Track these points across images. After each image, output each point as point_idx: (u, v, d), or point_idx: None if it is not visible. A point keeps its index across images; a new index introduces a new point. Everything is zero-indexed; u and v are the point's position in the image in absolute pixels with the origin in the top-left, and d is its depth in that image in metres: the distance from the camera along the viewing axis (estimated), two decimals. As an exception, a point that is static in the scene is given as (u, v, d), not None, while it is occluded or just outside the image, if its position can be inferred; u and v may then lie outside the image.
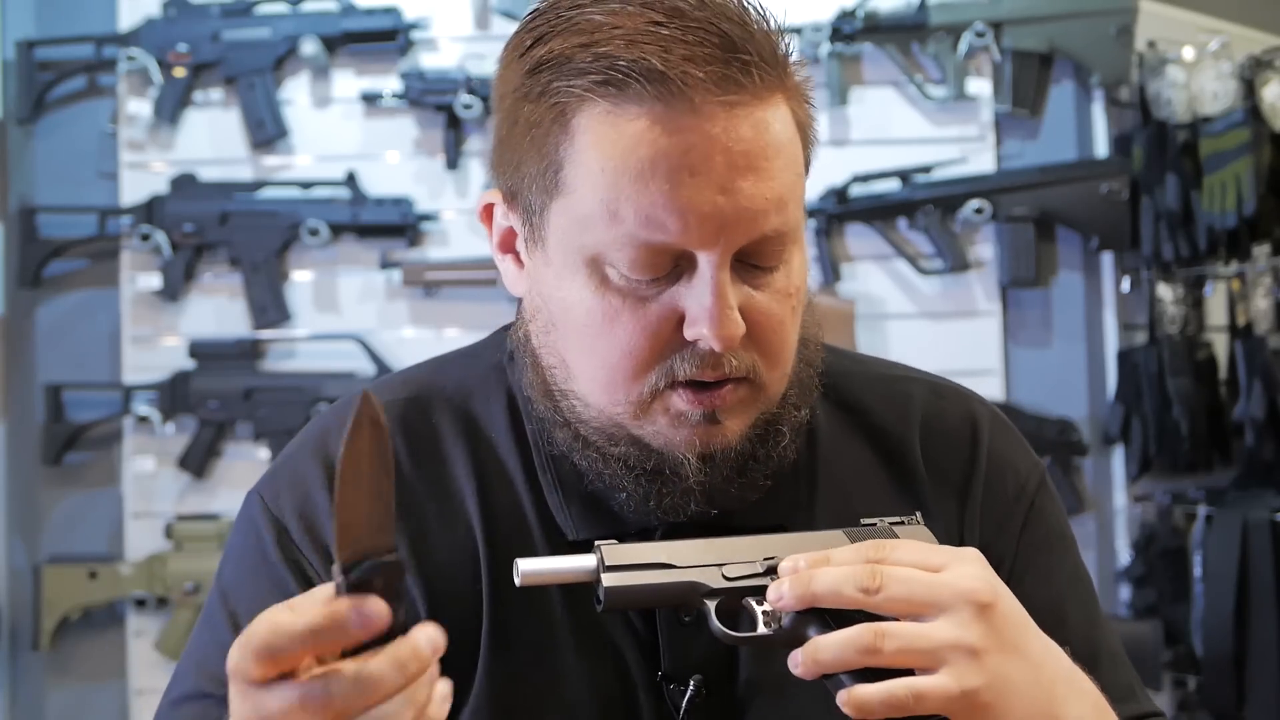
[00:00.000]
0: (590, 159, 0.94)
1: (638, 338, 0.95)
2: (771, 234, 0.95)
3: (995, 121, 3.04)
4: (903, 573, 0.88)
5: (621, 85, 0.92)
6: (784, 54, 0.97)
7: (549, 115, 0.95)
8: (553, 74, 0.95)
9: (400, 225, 2.97)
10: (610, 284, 0.95)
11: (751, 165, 0.93)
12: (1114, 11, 2.97)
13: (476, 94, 2.95)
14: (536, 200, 0.98)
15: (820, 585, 0.88)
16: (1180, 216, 2.88)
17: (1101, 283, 3.06)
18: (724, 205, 0.92)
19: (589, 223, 0.94)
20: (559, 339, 1.00)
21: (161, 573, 2.93)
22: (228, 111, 3.05)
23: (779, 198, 0.94)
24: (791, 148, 0.97)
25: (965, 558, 0.91)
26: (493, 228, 1.05)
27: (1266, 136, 2.80)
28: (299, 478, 1.07)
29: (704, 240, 0.93)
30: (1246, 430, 2.84)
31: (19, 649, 3.04)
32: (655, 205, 0.92)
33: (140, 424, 2.97)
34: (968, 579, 0.89)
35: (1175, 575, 2.89)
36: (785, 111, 0.96)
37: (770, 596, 0.90)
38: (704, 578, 0.94)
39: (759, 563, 0.94)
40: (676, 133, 0.92)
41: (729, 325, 0.93)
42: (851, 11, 2.99)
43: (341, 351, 2.99)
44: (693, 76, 0.91)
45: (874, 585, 0.87)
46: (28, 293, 3.05)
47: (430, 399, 1.08)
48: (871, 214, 2.98)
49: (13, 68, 3.04)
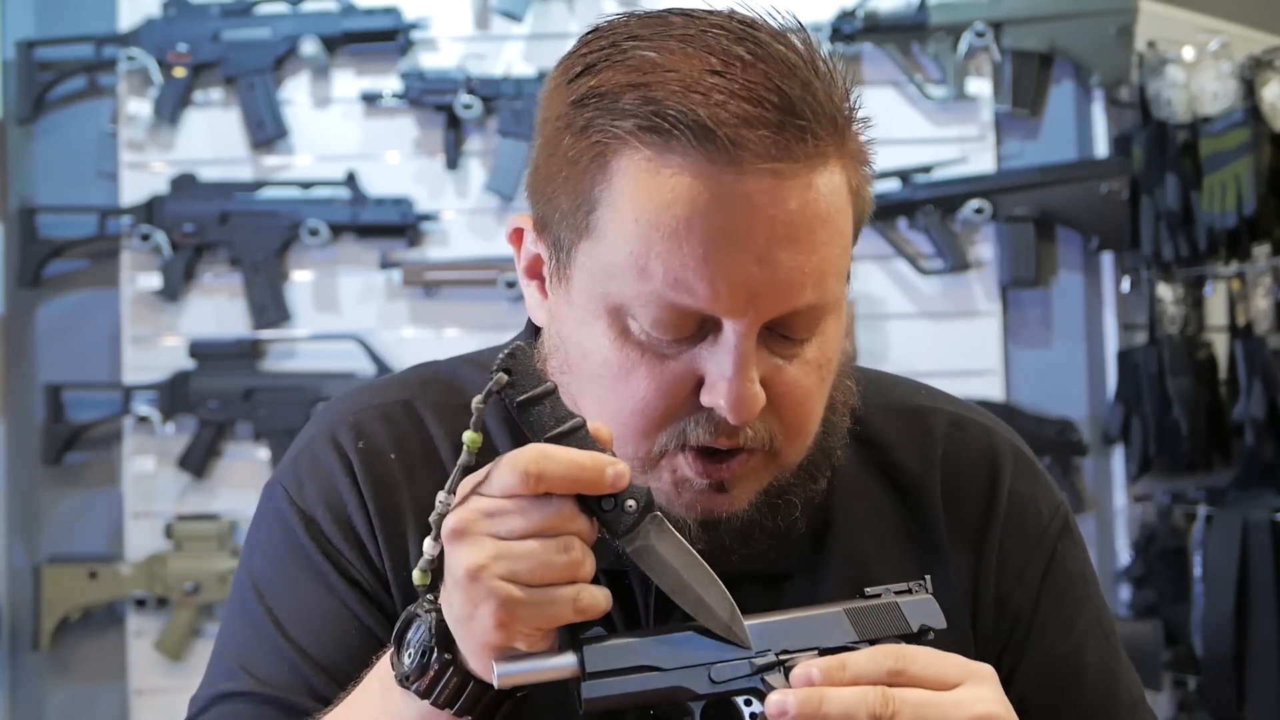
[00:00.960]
0: (625, 207, 0.89)
1: (652, 396, 0.91)
2: (805, 309, 0.90)
3: (995, 121, 3.04)
4: (916, 697, 0.85)
5: (666, 135, 0.87)
6: (846, 115, 0.92)
7: (588, 153, 0.91)
8: (597, 110, 0.90)
9: (400, 225, 2.97)
10: (631, 336, 0.91)
11: (793, 236, 0.88)
12: (1114, 11, 2.97)
13: (476, 94, 2.95)
14: (566, 237, 0.94)
15: (831, 708, 0.84)
16: (1180, 216, 2.88)
17: (1101, 283, 3.05)
18: (759, 276, 0.87)
19: (616, 272, 0.90)
20: (573, 381, 0.96)
21: (161, 573, 2.93)
22: (228, 111, 3.05)
23: (819, 272, 0.89)
24: (840, 218, 0.92)
25: (981, 677, 0.88)
26: (521, 251, 1.01)
27: (1266, 136, 2.79)
28: (322, 469, 1.04)
29: (733, 309, 0.88)
30: (1246, 430, 2.84)
31: (19, 649, 3.04)
32: (686, 268, 0.87)
33: (140, 424, 2.97)
34: (982, 703, 0.86)
35: (1175, 575, 2.89)
36: (839, 179, 0.91)
37: (772, 711, 0.84)
38: (690, 682, 0.90)
39: (749, 662, 0.90)
40: (717, 194, 0.87)
41: (747, 401, 0.89)
42: (851, 11, 2.99)
43: (341, 351, 2.99)
44: (743, 137, 0.86)
45: (886, 713, 0.83)
46: (28, 293, 3.05)
47: (428, 402, 1.06)
48: (871, 214, 2.98)
49: (13, 68, 3.04)
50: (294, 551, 1.04)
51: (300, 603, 1.03)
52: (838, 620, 0.91)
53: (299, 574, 1.03)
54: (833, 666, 0.85)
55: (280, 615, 1.02)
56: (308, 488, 1.04)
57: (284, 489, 1.05)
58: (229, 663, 1.04)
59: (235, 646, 1.04)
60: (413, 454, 1.04)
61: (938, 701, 0.85)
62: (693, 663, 0.90)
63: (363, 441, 1.04)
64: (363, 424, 1.05)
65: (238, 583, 1.07)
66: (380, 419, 1.06)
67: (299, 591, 1.03)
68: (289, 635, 1.01)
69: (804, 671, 0.85)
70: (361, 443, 1.04)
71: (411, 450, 1.04)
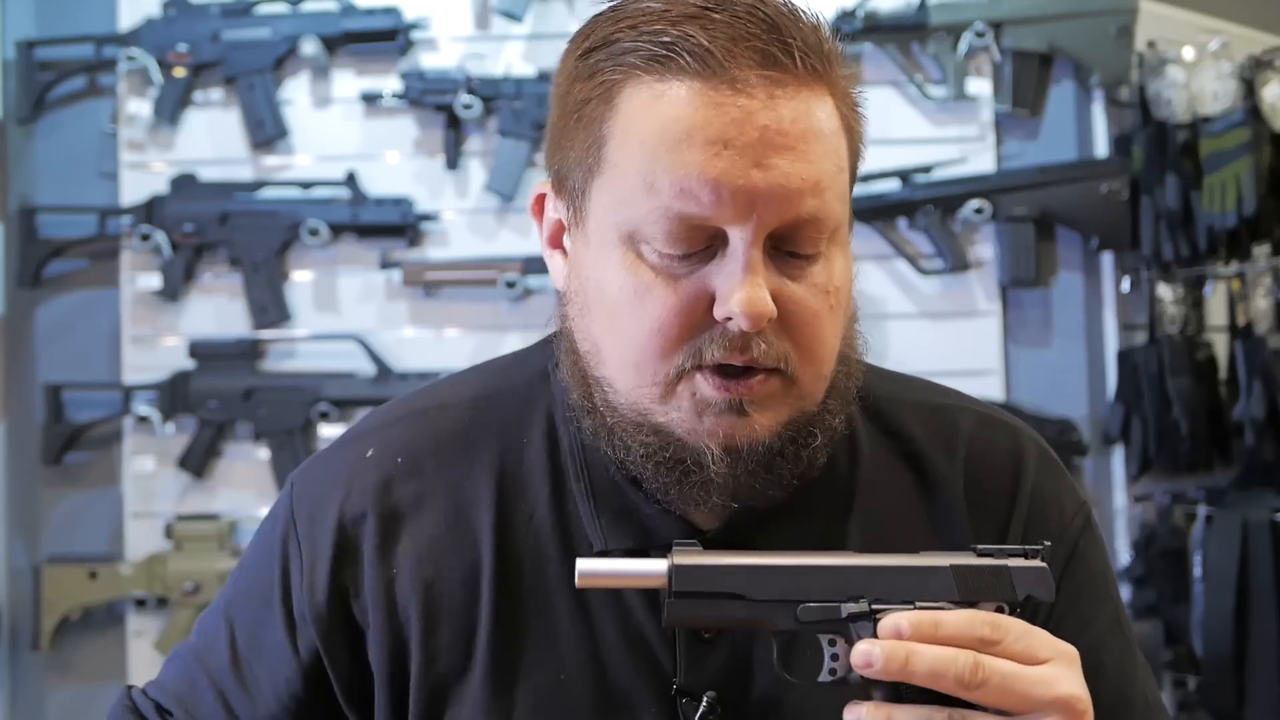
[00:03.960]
0: (631, 133, 0.94)
1: (667, 315, 0.94)
2: (807, 217, 0.93)
3: (995, 121, 3.04)
4: (1006, 669, 0.84)
5: (665, 61, 0.93)
6: (830, 50, 0.97)
7: (596, 93, 0.96)
8: (602, 55, 0.96)
9: (400, 225, 2.97)
10: (644, 261, 0.95)
11: (789, 145, 0.93)
12: (1114, 11, 2.97)
13: (476, 94, 2.95)
14: (580, 181, 0.98)
15: (918, 666, 0.84)
16: (1180, 216, 2.88)
17: (1101, 283, 3.05)
18: (758, 180, 0.92)
19: (627, 198, 0.94)
20: (592, 321, 0.99)
21: (161, 573, 2.93)
22: (228, 111, 3.05)
23: (816, 181, 0.93)
24: (833, 139, 0.96)
25: (1069, 658, 0.88)
26: (543, 221, 1.05)
27: (1266, 136, 2.79)
28: (329, 472, 1.08)
29: (737, 215, 0.92)
30: (1246, 430, 2.84)
31: (19, 649, 3.04)
32: (690, 176, 0.92)
33: (140, 424, 2.97)
34: (1066, 683, 0.86)
35: (1175, 575, 2.89)
36: (829, 104, 0.96)
37: (858, 660, 0.85)
38: (775, 617, 0.88)
39: (840, 605, 0.88)
40: (715, 105, 0.92)
41: (758, 302, 0.92)
42: (851, 11, 2.99)
43: (341, 351, 2.99)
44: (736, 52, 0.92)
45: (975, 681, 0.83)
46: (28, 293, 3.05)
47: (481, 400, 1.08)
48: (871, 214, 2.98)
49: (13, 68, 3.04)
50: (267, 551, 1.09)
51: (249, 603, 1.09)
52: (943, 576, 0.89)
53: (259, 575, 1.09)
54: (925, 623, 0.85)
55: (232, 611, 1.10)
56: (308, 488, 1.08)
57: (292, 484, 1.10)
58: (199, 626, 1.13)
59: (200, 625, 1.12)
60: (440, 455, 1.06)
61: (1026, 676, 0.84)
62: (781, 597, 0.88)
63: (374, 449, 1.07)
64: (386, 432, 1.09)
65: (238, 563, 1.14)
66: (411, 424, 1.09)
67: (251, 594, 1.09)
68: (233, 632, 1.09)
69: (894, 623, 0.85)
70: (372, 449, 1.07)
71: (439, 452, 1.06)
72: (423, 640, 1.02)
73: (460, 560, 1.03)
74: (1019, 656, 0.85)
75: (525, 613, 1.02)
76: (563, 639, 1.01)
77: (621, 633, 1.01)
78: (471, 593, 1.02)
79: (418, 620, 1.02)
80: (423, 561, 1.03)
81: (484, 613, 1.02)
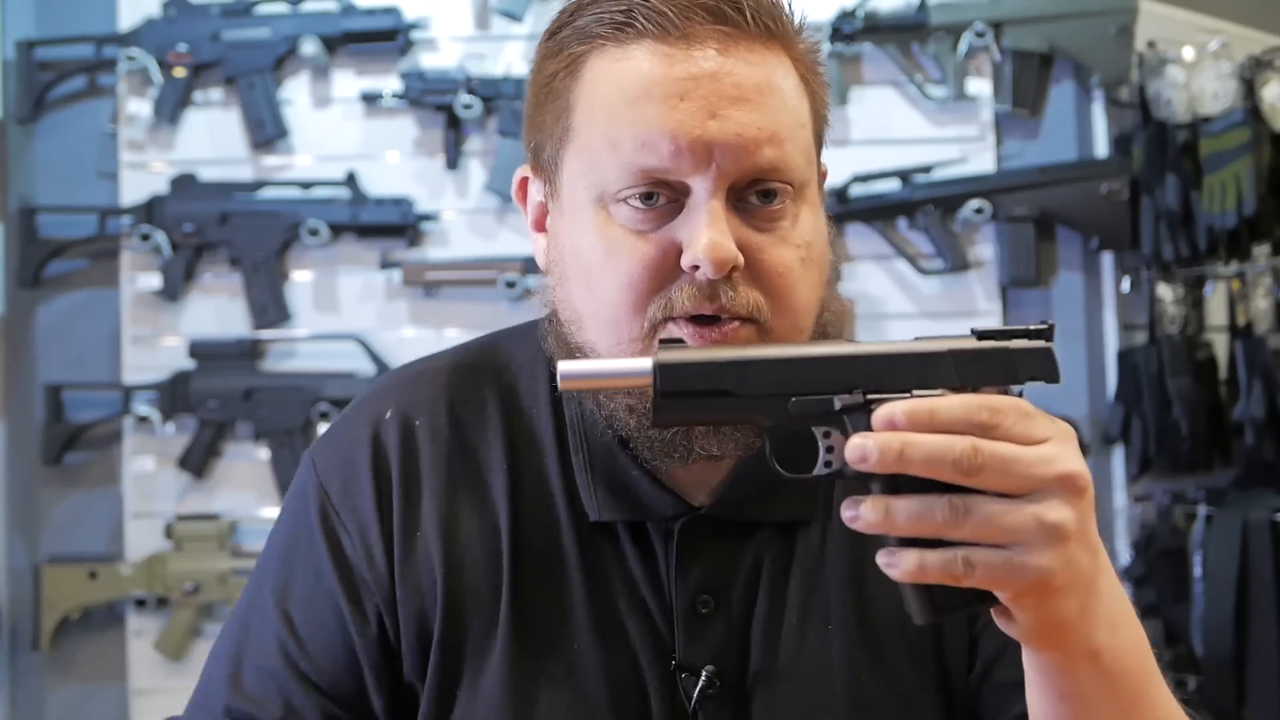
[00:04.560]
0: (595, 97, 0.99)
1: (637, 269, 0.97)
2: (767, 166, 0.96)
3: (995, 121, 3.04)
4: (1005, 452, 0.81)
5: (624, 27, 0.98)
6: (786, 19, 1.01)
7: (563, 65, 1.01)
8: (567, 32, 1.02)
9: (400, 225, 2.97)
10: (614, 220, 0.98)
11: (744, 96, 0.96)
12: (1114, 11, 2.97)
13: (476, 94, 2.95)
14: (552, 153, 1.02)
15: (914, 455, 0.80)
16: (1180, 216, 2.88)
17: (1101, 283, 3.05)
18: (715, 130, 0.95)
19: (594, 160, 0.98)
20: (571, 289, 1.01)
21: (161, 573, 2.93)
22: (228, 111, 3.05)
23: (773, 133, 0.96)
24: (791, 97, 0.99)
25: (1066, 434, 0.85)
26: (527, 205, 1.09)
27: (1266, 136, 2.80)
28: (349, 439, 1.08)
29: (696, 164, 0.95)
30: (1246, 430, 2.84)
31: (19, 649, 3.04)
32: (649, 129, 0.95)
33: (140, 424, 2.97)
34: (1066, 461, 0.83)
35: (1175, 575, 2.89)
36: (787, 66, 1.00)
37: (852, 455, 0.81)
38: (767, 412, 0.84)
39: (834, 398, 0.84)
40: (671, 60, 0.96)
41: (719, 248, 0.94)
42: (851, 11, 2.99)
43: (341, 351, 2.99)
44: (690, 12, 0.96)
45: (974, 466, 0.80)
46: (28, 293, 3.05)
47: (480, 368, 1.11)
48: (871, 214, 2.98)
49: (13, 68, 3.04)
50: (305, 528, 1.07)
51: (297, 577, 1.07)
52: (941, 362, 0.85)
53: (302, 548, 1.07)
54: (920, 411, 0.81)
55: (283, 587, 1.07)
56: (332, 460, 1.08)
57: (313, 461, 1.10)
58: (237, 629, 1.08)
59: (243, 609, 1.09)
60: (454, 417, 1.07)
61: (1024, 457, 0.82)
62: (772, 391, 0.85)
63: (391, 411, 1.08)
64: (399, 394, 1.10)
65: (264, 550, 1.11)
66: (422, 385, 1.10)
67: (298, 567, 1.07)
68: (284, 609, 1.06)
69: (887, 414, 0.82)
70: (390, 411, 1.08)
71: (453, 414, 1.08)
72: (446, 602, 1.03)
73: (480, 523, 1.04)
74: (1018, 438, 0.82)
75: (541, 577, 1.03)
76: (577, 606, 1.02)
77: (628, 603, 1.02)
78: (492, 552, 1.04)
79: (441, 580, 1.03)
80: (443, 520, 1.04)
81: (505, 574, 1.03)
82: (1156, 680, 0.92)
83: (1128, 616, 0.90)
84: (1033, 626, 0.84)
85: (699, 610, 1.02)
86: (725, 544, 1.04)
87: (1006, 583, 0.82)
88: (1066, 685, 0.88)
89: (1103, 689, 0.88)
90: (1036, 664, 0.89)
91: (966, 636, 1.06)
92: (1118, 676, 0.88)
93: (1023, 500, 0.81)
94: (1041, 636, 0.85)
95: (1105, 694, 0.88)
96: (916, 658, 1.05)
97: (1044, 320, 0.89)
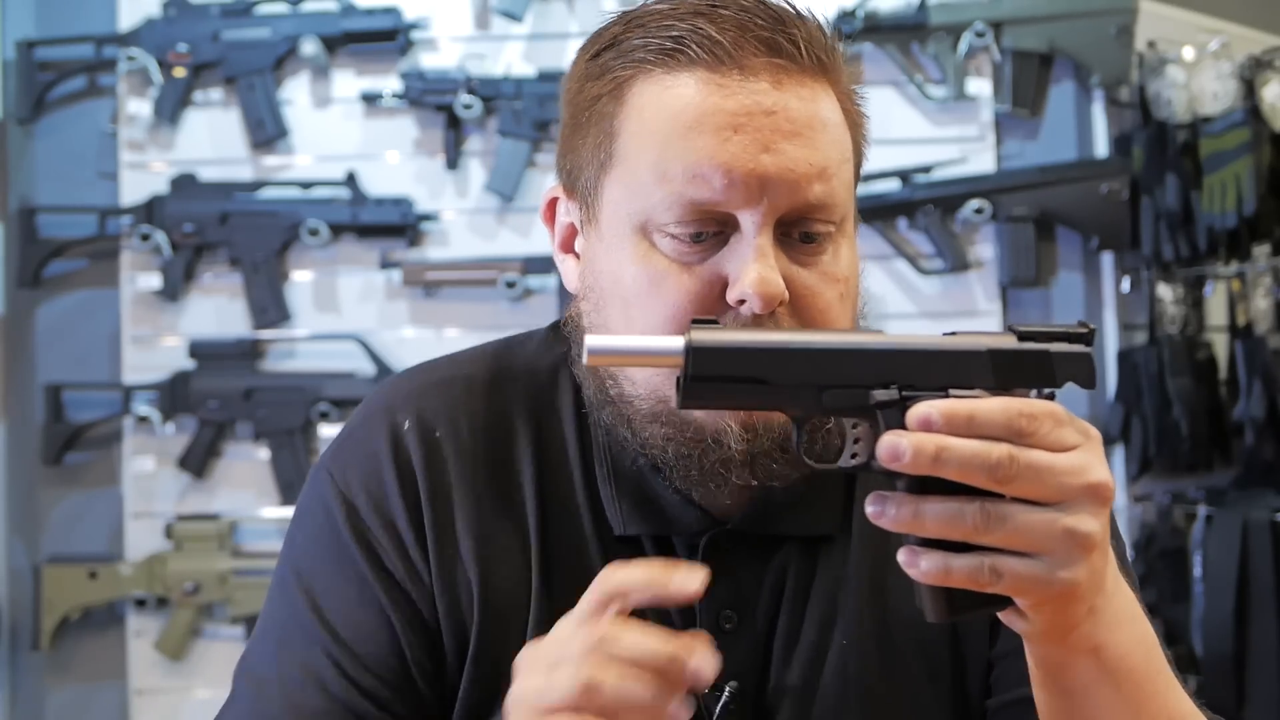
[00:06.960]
0: (642, 124, 0.97)
1: (683, 301, 0.96)
2: (815, 203, 0.96)
3: (995, 121, 3.04)
4: (1039, 460, 0.81)
5: (674, 54, 0.96)
6: (832, 46, 1.00)
7: (607, 89, 0.99)
8: (612, 54, 1.00)
9: (400, 225, 2.97)
10: (658, 250, 0.97)
11: (796, 131, 0.95)
12: (1114, 11, 2.97)
13: (476, 94, 2.95)
14: (592, 177, 1.00)
15: (949, 459, 0.79)
16: (1180, 216, 2.88)
17: (1101, 283, 3.05)
18: (768, 164, 0.94)
19: (639, 188, 0.97)
20: (608, 316, 1.00)
21: (161, 573, 2.93)
22: (228, 111, 3.05)
23: (823, 168, 0.96)
24: (838, 131, 0.99)
25: (1094, 440, 0.85)
26: (555, 226, 1.07)
27: (1266, 136, 2.79)
28: (368, 452, 1.06)
29: (747, 198, 0.94)
30: (1246, 430, 2.84)
31: (19, 649, 3.04)
32: (701, 161, 0.94)
33: (140, 424, 2.97)
34: (1096, 470, 0.83)
35: (1175, 575, 2.89)
36: (834, 102, 0.99)
37: (884, 454, 0.80)
38: (799, 403, 0.83)
39: (869, 391, 0.82)
40: (724, 92, 0.95)
41: (769, 283, 0.94)
42: (851, 11, 2.99)
43: (341, 351, 2.99)
44: (743, 42, 0.95)
45: (1008, 475, 0.80)
46: (28, 293, 3.05)
47: (500, 379, 1.09)
48: (872, 214, 2.98)
49: (13, 68, 3.04)
50: (334, 540, 1.05)
51: (336, 588, 1.04)
52: (979, 361, 0.84)
53: (335, 564, 1.04)
54: (959, 414, 0.80)
55: (323, 604, 1.03)
56: (351, 472, 1.06)
57: (330, 474, 1.07)
58: (273, 647, 1.04)
59: (278, 630, 1.05)
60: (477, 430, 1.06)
61: (1057, 466, 0.81)
62: (806, 381, 0.83)
63: (410, 421, 1.06)
64: (417, 403, 1.07)
65: (279, 566, 1.08)
66: (439, 395, 1.07)
67: (335, 578, 1.04)
68: (325, 620, 1.02)
69: (924, 414, 0.80)
70: (408, 422, 1.06)
71: (477, 426, 1.06)
72: (481, 618, 1.02)
73: (511, 539, 1.03)
74: (1052, 445, 0.82)
75: (568, 592, 1.02)
76: None
77: (652, 618, 1.01)
78: (522, 566, 1.03)
79: (478, 596, 1.02)
80: (477, 539, 1.03)
81: (534, 589, 1.02)
82: (1166, 677, 0.93)
83: (1132, 613, 0.90)
84: (1043, 628, 0.85)
85: (723, 626, 1.01)
86: (750, 559, 1.04)
87: (1032, 592, 0.82)
88: (1068, 680, 0.89)
89: (1105, 684, 0.88)
90: (1039, 659, 0.89)
91: (985, 660, 1.06)
92: (1120, 672, 0.89)
93: (1054, 510, 0.81)
94: (1049, 636, 0.86)
95: (1108, 689, 0.89)
96: (935, 676, 1.05)
97: (1083, 322, 0.88)
